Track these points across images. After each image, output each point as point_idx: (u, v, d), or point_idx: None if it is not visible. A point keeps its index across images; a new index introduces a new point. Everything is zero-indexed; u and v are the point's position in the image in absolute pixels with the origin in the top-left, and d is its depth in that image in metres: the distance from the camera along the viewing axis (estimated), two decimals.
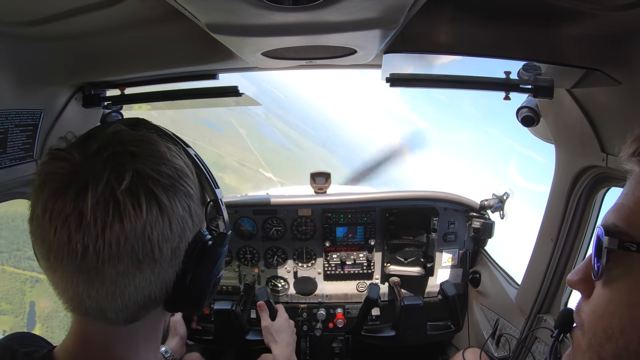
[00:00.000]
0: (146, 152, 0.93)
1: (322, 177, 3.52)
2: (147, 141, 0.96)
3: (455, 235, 3.46)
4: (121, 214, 0.86)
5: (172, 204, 0.93)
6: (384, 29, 1.36)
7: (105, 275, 0.88)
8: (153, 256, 0.91)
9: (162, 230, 0.91)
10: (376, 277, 3.56)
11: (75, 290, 0.91)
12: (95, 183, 0.85)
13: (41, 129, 2.00)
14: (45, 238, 0.88)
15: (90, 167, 0.87)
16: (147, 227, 0.88)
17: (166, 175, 0.93)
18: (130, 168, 0.88)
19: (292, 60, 1.92)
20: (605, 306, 0.78)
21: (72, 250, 0.85)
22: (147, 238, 0.89)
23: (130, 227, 0.86)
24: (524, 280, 2.80)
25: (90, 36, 1.72)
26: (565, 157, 2.29)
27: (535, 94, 1.93)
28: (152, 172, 0.91)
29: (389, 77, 1.97)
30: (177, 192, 0.95)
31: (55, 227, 0.86)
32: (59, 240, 0.86)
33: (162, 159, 0.95)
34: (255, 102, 2.97)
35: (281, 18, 1.21)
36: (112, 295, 0.91)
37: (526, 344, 2.71)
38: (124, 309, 0.95)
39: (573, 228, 2.37)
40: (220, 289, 3.56)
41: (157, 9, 1.53)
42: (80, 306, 0.94)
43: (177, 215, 0.94)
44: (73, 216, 0.85)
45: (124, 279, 0.90)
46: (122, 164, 0.88)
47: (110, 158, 0.89)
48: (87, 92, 2.26)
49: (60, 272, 0.90)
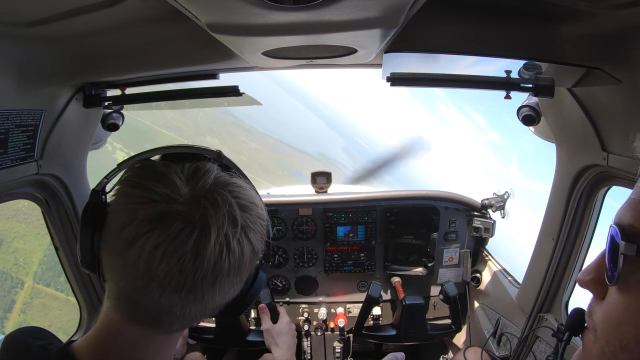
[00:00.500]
0: (247, 205, 1.08)
1: (322, 177, 3.53)
2: (245, 193, 1.11)
3: (456, 234, 3.46)
4: (229, 257, 1.01)
5: (260, 246, 1.12)
6: (385, 29, 1.36)
7: (200, 305, 1.04)
8: (235, 289, 1.12)
9: (250, 267, 1.12)
10: (377, 277, 3.56)
11: (161, 308, 1.01)
12: (217, 232, 0.98)
13: (42, 129, 2.00)
14: (149, 268, 0.96)
15: (213, 218, 0.99)
16: (243, 268, 1.07)
17: (259, 225, 1.11)
18: (240, 222, 1.03)
19: (293, 60, 1.92)
20: (621, 314, 0.73)
21: (178, 282, 0.97)
22: (242, 276, 1.10)
23: (234, 267, 1.03)
24: (525, 279, 2.80)
25: (91, 36, 1.72)
26: (566, 156, 2.28)
27: (536, 93, 1.93)
28: (252, 223, 1.07)
29: (390, 76, 1.97)
30: (262, 237, 1.13)
31: (168, 261, 0.96)
32: (167, 272, 0.96)
33: (256, 206, 1.12)
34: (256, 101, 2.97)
35: (281, 17, 1.21)
36: (194, 315, 1.07)
37: (527, 343, 2.72)
38: (181, 325, 1.10)
39: (574, 227, 2.37)
40: None
41: (158, 9, 1.53)
42: (143, 316, 1.04)
43: (260, 252, 1.13)
44: (190, 255, 0.96)
45: (211, 304, 1.07)
46: (235, 218, 1.02)
47: (227, 212, 1.01)
48: (88, 92, 2.26)
49: (155, 296, 0.99)
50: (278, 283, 3.61)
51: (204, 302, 1.04)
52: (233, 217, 1.02)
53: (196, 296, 1.01)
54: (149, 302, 1.00)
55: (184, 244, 0.96)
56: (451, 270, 3.53)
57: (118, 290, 1.03)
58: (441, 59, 1.78)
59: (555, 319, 2.55)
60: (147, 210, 0.98)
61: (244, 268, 1.08)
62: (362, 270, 3.54)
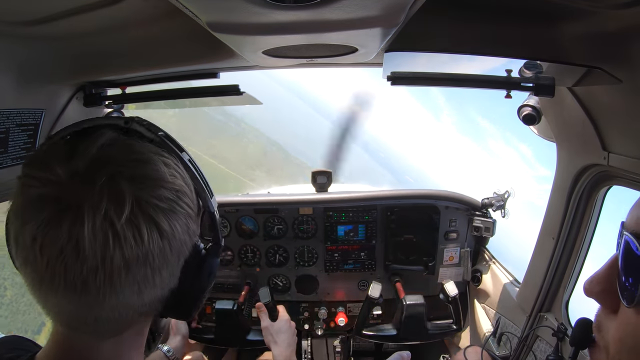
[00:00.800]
0: (144, 175, 0.88)
1: (323, 176, 3.53)
2: (144, 160, 0.90)
3: (457, 233, 3.46)
4: (122, 246, 0.82)
5: (173, 229, 0.90)
6: (385, 28, 1.36)
7: (105, 305, 0.86)
8: (154, 282, 0.90)
9: (163, 254, 0.89)
10: (378, 276, 3.56)
11: (70, 315, 0.89)
12: (92, 215, 0.80)
13: (42, 128, 2.00)
14: (36, 268, 0.83)
15: (84, 195, 0.81)
16: (149, 256, 0.86)
17: (166, 199, 0.89)
18: (129, 197, 0.83)
19: (293, 59, 1.92)
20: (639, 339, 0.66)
21: (69, 282, 0.82)
22: (149, 266, 0.86)
23: (132, 257, 0.83)
24: (525, 278, 2.81)
25: (92, 35, 1.71)
26: (567, 155, 2.28)
27: (536, 92, 1.93)
28: (153, 198, 0.86)
29: (390, 75, 1.97)
30: (177, 215, 0.91)
31: (48, 258, 0.81)
32: (53, 271, 0.81)
33: (161, 180, 0.90)
34: (256, 100, 2.96)
35: (282, 16, 1.20)
36: (109, 320, 0.90)
37: (527, 343, 2.72)
38: (115, 328, 0.94)
39: (574, 226, 2.37)
40: (222, 287, 3.57)
41: (159, 8, 1.53)
42: (70, 324, 0.93)
43: (178, 237, 0.92)
44: (69, 247, 0.80)
45: (124, 304, 0.88)
46: (120, 192, 0.83)
47: (106, 185, 0.82)
48: (88, 91, 2.26)
49: (53, 300, 0.87)
50: (278, 282, 3.61)
51: (112, 304, 0.86)
52: (116, 194, 0.82)
53: (97, 299, 0.84)
54: (55, 308, 0.89)
55: (58, 233, 0.79)
56: (451, 269, 3.53)
57: (42, 304, 0.90)
58: (442, 58, 1.78)
59: (556, 319, 2.55)
60: (21, 198, 0.85)
61: (158, 257, 0.88)
62: (362, 270, 3.54)
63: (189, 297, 1.03)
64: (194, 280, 1.01)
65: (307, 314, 3.62)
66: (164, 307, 1.00)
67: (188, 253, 0.98)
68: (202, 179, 1.05)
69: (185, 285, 0.99)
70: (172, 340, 2.69)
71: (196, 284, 1.03)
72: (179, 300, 1.00)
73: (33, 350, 1.07)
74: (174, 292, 0.99)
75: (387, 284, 3.54)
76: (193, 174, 1.02)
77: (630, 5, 1.21)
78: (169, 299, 0.99)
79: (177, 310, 1.04)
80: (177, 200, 0.92)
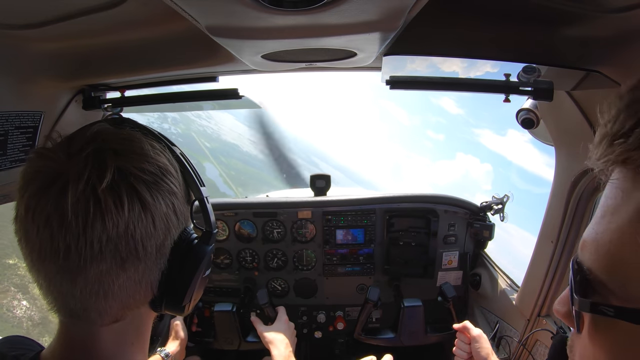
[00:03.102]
0: (129, 150, 0.93)
1: (322, 180, 3.53)
2: (130, 139, 0.96)
3: (456, 237, 3.46)
4: (103, 212, 0.85)
5: (155, 201, 0.92)
6: (384, 32, 1.37)
7: (89, 274, 0.88)
8: (137, 254, 0.91)
9: (146, 227, 0.91)
10: (376, 280, 3.56)
11: (59, 290, 0.91)
12: (75, 181, 0.84)
13: (41, 131, 2.00)
14: (28, 238, 0.88)
15: (72, 166, 0.87)
16: (130, 225, 0.88)
17: (149, 172, 0.93)
18: (111, 165, 0.87)
19: (292, 63, 1.92)
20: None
21: (54, 250, 0.85)
22: (130, 236, 0.89)
23: (112, 225, 0.86)
24: (524, 282, 2.80)
25: (91, 38, 1.72)
26: (565, 159, 2.29)
27: (535, 96, 1.93)
28: (135, 169, 0.90)
29: (389, 79, 1.98)
30: (160, 190, 0.94)
31: (37, 226, 0.86)
32: (41, 239, 0.86)
33: (145, 156, 0.94)
34: (255, 104, 2.97)
35: (281, 21, 1.21)
36: (96, 296, 0.91)
37: (526, 346, 2.71)
38: (107, 309, 0.95)
39: (573, 230, 2.37)
40: (221, 290, 3.57)
41: (158, 11, 1.53)
42: (64, 307, 0.95)
43: (161, 212, 0.94)
44: (55, 215, 0.84)
45: (108, 279, 0.90)
46: (103, 161, 0.87)
47: (91, 156, 0.88)
48: (87, 94, 2.26)
49: (43, 272, 0.90)
50: (277, 286, 3.60)
51: (95, 272, 0.88)
52: (100, 163, 0.87)
53: (79, 265, 0.86)
54: (52, 287, 0.91)
55: (46, 200, 0.85)
56: (450, 273, 3.53)
57: (39, 285, 0.94)
58: (440, 62, 1.79)
59: (555, 322, 2.54)
60: (21, 176, 0.92)
61: (140, 228, 0.90)
62: (361, 274, 3.54)
63: (179, 282, 1.03)
64: (184, 264, 1.03)
65: (306, 318, 3.61)
66: (158, 299, 1.02)
67: (177, 235, 1.01)
68: (192, 168, 1.09)
69: (175, 269, 1.01)
70: (171, 344, 2.69)
71: (186, 268, 1.04)
72: (169, 285, 1.02)
73: (36, 349, 1.09)
74: (165, 275, 1.00)
75: (386, 287, 3.54)
76: (182, 163, 1.07)
77: (629, 9, 1.22)
78: (160, 282, 1.00)
79: (169, 297, 1.04)
80: (161, 176, 0.96)
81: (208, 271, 1.15)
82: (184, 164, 1.07)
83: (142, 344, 1.11)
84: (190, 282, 1.05)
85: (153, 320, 1.15)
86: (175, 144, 1.11)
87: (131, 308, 0.99)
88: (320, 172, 3.60)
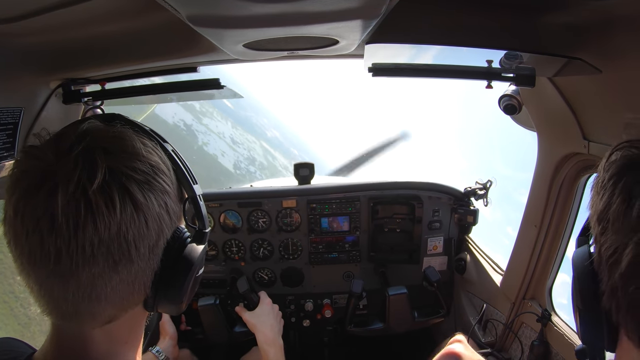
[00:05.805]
0: (119, 149, 0.90)
1: (305, 168, 3.53)
2: (120, 137, 0.94)
3: (440, 223, 3.49)
4: (94, 215, 0.82)
5: (148, 201, 0.90)
6: (366, 20, 1.36)
7: (81, 278, 0.85)
8: (130, 256, 0.89)
9: (138, 228, 0.88)
10: (362, 267, 3.59)
11: (51, 294, 0.89)
12: (65, 183, 0.81)
13: (22, 127, 1.96)
14: (17, 241, 0.86)
15: (61, 166, 0.84)
16: (122, 227, 0.86)
17: (140, 171, 0.90)
18: (102, 165, 0.84)
19: (274, 52, 1.90)
20: None
21: (44, 254, 0.83)
22: (122, 238, 0.86)
23: (104, 227, 0.83)
24: (509, 266, 2.84)
25: (70, 31, 1.68)
26: (548, 144, 2.31)
27: (517, 82, 1.95)
28: (126, 168, 0.88)
29: (371, 67, 1.97)
30: (152, 189, 0.92)
31: (26, 230, 0.83)
32: (31, 243, 0.83)
33: (137, 155, 0.92)
34: (237, 94, 2.94)
35: (263, 9, 1.19)
36: (89, 299, 0.88)
37: (512, 329, 2.76)
38: (100, 312, 0.93)
39: (556, 214, 2.41)
40: (207, 282, 3.56)
41: (137, 2, 1.50)
42: (56, 310, 0.92)
43: (153, 212, 0.92)
44: (44, 218, 0.82)
45: (100, 281, 0.87)
46: (94, 161, 0.84)
47: (81, 156, 0.85)
48: (67, 88, 2.21)
49: (34, 276, 0.88)
50: (264, 276, 3.61)
51: (87, 275, 0.85)
52: (90, 163, 0.84)
53: (70, 269, 0.84)
54: (43, 291, 0.89)
55: (35, 202, 0.82)
56: (436, 258, 3.56)
57: (30, 289, 0.91)
58: (423, 49, 1.78)
59: (540, 305, 2.59)
60: (9, 177, 0.88)
61: (132, 229, 0.87)
62: (347, 261, 3.56)
63: (173, 283, 1.02)
64: (178, 264, 1.01)
65: (294, 306, 3.63)
66: (151, 299, 1.00)
67: (170, 234, 0.99)
68: (185, 166, 1.07)
69: (169, 269, 0.99)
70: (162, 342, 2.69)
71: (180, 268, 1.02)
72: (163, 286, 1.00)
73: (28, 351, 1.07)
74: (158, 275, 0.98)
75: (372, 274, 3.57)
76: (175, 161, 1.04)
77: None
78: (153, 283, 0.98)
79: (165, 301, 1.03)
80: (153, 175, 0.93)
81: (201, 270, 1.13)
82: (176, 161, 1.05)
83: (136, 343, 1.10)
84: (184, 282, 1.04)
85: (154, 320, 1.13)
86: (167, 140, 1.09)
87: (124, 309, 0.98)
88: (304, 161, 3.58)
